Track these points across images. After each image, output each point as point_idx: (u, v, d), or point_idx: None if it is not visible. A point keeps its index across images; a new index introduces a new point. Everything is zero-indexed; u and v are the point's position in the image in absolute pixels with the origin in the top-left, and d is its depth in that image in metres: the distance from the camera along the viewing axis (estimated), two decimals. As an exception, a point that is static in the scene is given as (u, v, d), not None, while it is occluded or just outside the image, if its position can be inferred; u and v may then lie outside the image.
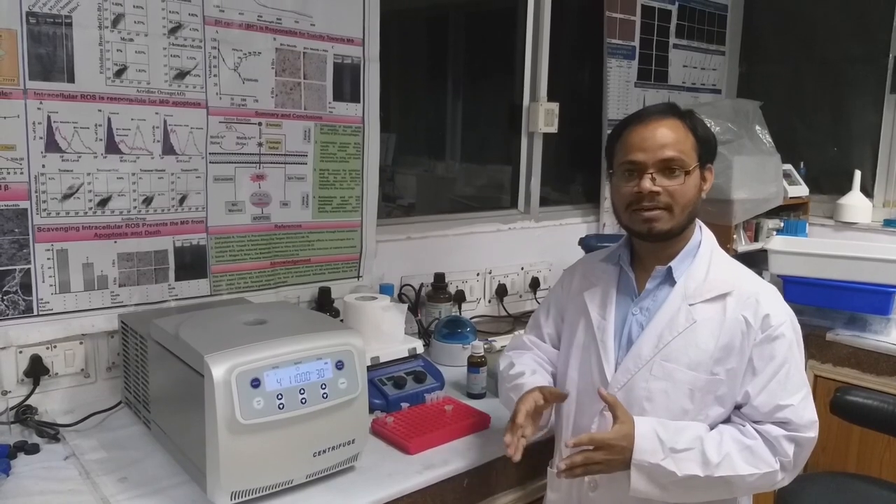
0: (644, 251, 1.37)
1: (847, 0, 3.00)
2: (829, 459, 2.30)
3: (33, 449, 1.39)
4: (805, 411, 1.24)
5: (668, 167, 1.26)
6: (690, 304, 1.29)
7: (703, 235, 1.36)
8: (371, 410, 1.51)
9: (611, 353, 1.33)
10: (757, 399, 1.24)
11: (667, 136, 1.27)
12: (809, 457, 1.26)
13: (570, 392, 1.37)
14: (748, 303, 1.27)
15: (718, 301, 1.28)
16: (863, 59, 2.98)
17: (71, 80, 1.52)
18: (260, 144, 1.83)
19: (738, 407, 1.28)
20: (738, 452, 1.21)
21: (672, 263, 1.32)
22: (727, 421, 1.28)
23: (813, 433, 1.24)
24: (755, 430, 1.24)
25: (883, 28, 2.91)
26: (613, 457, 1.21)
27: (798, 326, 1.30)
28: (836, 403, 1.88)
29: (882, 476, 2.15)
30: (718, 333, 1.27)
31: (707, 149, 1.32)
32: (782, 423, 1.23)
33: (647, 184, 1.26)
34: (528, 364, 1.43)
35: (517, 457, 1.24)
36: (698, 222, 1.37)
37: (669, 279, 1.33)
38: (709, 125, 1.59)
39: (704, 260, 1.33)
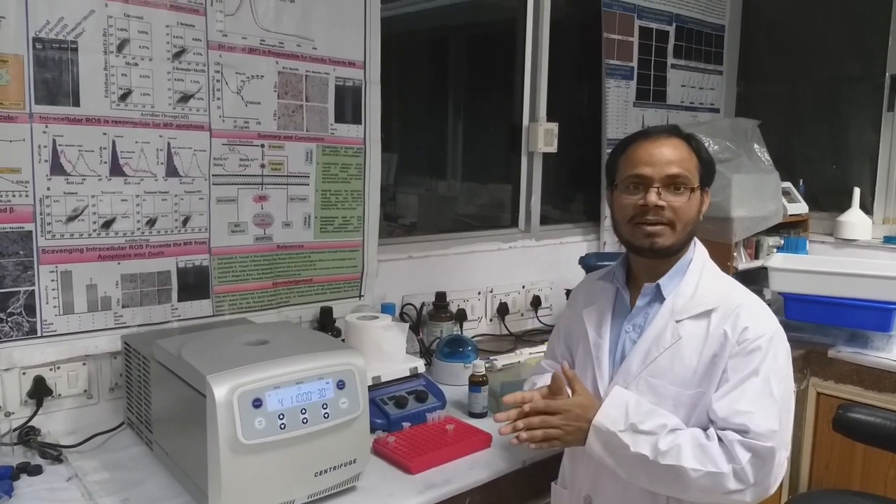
0: (639, 268, 1.38)
1: (844, 19, 3.04)
2: (834, 477, 2.29)
3: (36, 470, 1.39)
4: (765, 420, 1.20)
5: (673, 183, 1.29)
6: (677, 321, 1.30)
7: (695, 252, 1.37)
8: (372, 430, 1.52)
9: (605, 369, 1.35)
10: (716, 403, 1.24)
11: (673, 154, 1.30)
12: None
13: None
14: (730, 317, 1.28)
15: (704, 317, 1.29)
16: (860, 78, 3.01)
17: (76, 104, 1.54)
18: (262, 166, 1.85)
19: None
20: (690, 448, 1.21)
21: (661, 281, 1.34)
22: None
23: (771, 443, 1.19)
24: (717, 433, 1.22)
25: (879, 47, 2.94)
26: (569, 423, 1.26)
27: (783, 341, 1.29)
28: (838, 421, 1.87)
29: (887, 494, 2.13)
30: (702, 349, 1.27)
31: (708, 172, 1.35)
32: (740, 431, 1.20)
33: (652, 197, 1.28)
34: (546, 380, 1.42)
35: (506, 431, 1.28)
36: (693, 239, 1.38)
37: (659, 296, 1.34)
38: (708, 144, 1.58)
39: (694, 276, 1.34)
